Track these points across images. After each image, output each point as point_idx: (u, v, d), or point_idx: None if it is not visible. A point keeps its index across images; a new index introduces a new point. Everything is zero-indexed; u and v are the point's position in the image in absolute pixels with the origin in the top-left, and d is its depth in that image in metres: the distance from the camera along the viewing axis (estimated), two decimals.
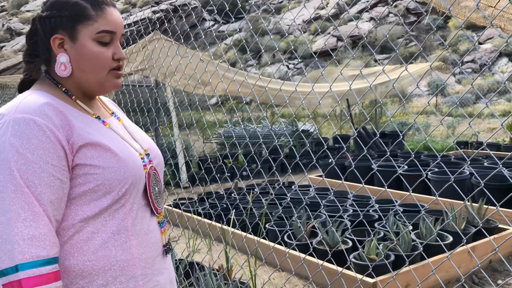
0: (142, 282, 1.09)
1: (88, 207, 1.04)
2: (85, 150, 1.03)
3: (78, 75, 1.11)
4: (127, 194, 1.08)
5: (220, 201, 4.99)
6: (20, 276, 0.90)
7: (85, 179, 1.03)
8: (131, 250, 1.08)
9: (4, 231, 0.92)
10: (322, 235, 3.48)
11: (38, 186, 0.96)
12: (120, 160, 1.07)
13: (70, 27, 1.08)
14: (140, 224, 1.11)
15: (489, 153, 8.10)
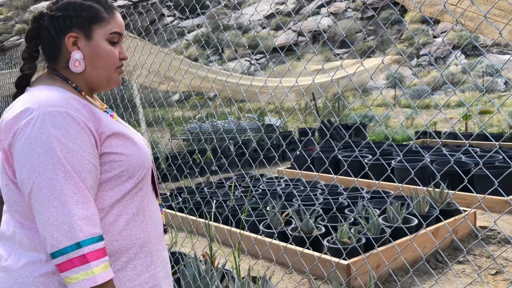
0: (156, 257, 1.22)
1: (113, 192, 1.14)
2: (111, 140, 1.13)
3: (90, 71, 1.20)
4: (145, 178, 1.21)
5: (192, 196, 5.06)
6: (85, 251, 1.00)
7: (111, 166, 1.13)
8: (147, 229, 1.20)
9: (59, 214, 1.00)
10: (297, 222, 3.63)
11: (82, 172, 1.05)
12: (139, 148, 1.19)
13: (86, 26, 1.18)
14: (151, 205, 1.24)
15: (446, 142, 8.52)
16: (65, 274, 1.00)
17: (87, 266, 1.00)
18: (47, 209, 1.00)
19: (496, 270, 3.48)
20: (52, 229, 1.00)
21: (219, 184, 5.67)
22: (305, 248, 2.35)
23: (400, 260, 3.47)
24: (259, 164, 7.87)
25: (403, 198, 4.50)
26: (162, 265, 1.25)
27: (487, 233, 4.11)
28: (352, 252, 3.25)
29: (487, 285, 3.24)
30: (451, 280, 3.35)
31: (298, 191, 4.88)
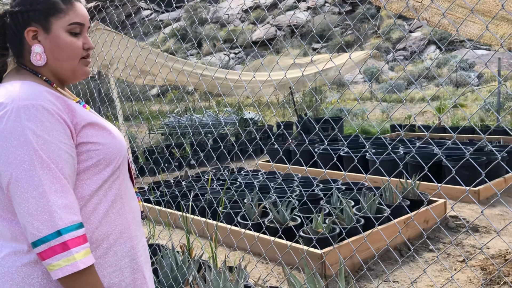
0: (136, 242, 1.26)
1: (91, 180, 1.17)
2: (86, 130, 1.16)
3: (53, 64, 1.21)
4: (121, 166, 1.24)
5: (169, 189, 5.08)
6: (66, 239, 1.03)
7: (88, 155, 1.16)
8: (126, 215, 1.24)
9: (38, 204, 1.03)
10: (273, 214, 3.70)
11: (59, 162, 1.07)
12: (114, 137, 1.22)
13: (43, 19, 1.19)
14: (129, 192, 1.28)
15: (420, 134, 8.73)
16: (47, 262, 1.03)
17: (68, 252, 1.03)
18: (26, 199, 1.03)
19: (465, 257, 3.62)
20: (32, 219, 1.02)
21: (196, 177, 5.70)
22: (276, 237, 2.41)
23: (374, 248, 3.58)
24: (237, 158, 7.92)
25: (377, 189, 4.62)
26: (143, 249, 1.29)
27: (456, 222, 4.26)
28: (326, 242, 3.34)
29: (454, 271, 3.38)
30: (421, 267, 3.47)
31: (275, 183, 4.95)
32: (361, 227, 3.56)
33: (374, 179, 5.41)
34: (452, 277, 1.37)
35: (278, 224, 3.68)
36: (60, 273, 1.03)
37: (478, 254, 3.64)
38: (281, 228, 3.59)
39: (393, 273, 3.37)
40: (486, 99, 10.33)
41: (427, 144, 6.35)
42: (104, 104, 7.75)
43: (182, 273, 2.26)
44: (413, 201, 4.19)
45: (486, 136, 6.47)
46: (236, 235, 3.70)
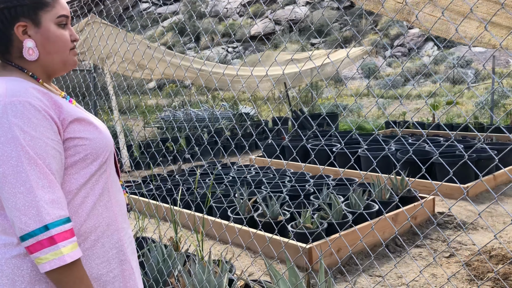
0: (122, 234, 1.30)
1: (79, 175, 1.20)
2: (73, 125, 1.19)
3: (44, 57, 1.24)
4: (108, 160, 1.28)
5: (165, 183, 5.13)
6: (53, 233, 1.06)
7: (75, 150, 1.19)
8: (112, 208, 1.28)
9: (25, 199, 1.06)
10: (263, 208, 3.75)
11: (46, 158, 1.10)
12: (101, 132, 1.26)
13: (32, 14, 1.21)
14: (115, 186, 1.32)
15: (414, 131, 8.77)
16: (35, 255, 1.06)
17: (55, 247, 1.06)
18: (14, 195, 1.05)
19: (450, 253, 3.68)
20: (20, 214, 1.05)
21: (191, 172, 5.74)
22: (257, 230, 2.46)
23: (361, 244, 3.63)
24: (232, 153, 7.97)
25: (368, 185, 4.67)
26: (129, 241, 1.33)
27: (444, 219, 4.32)
28: (315, 236, 3.39)
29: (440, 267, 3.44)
30: (407, 263, 3.53)
31: (267, 178, 5.00)
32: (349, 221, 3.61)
33: (366, 175, 5.46)
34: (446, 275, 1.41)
35: (268, 219, 3.73)
36: (48, 266, 1.06)
37: (463, 250, 3.70)
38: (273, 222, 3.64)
39: (380, 267, 3.43)
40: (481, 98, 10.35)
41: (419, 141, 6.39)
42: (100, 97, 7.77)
43: (167, 266, 2.31)
44: (402, 197, 4.24)
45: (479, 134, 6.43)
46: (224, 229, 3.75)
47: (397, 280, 3.22)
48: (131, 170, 6.93)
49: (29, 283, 1.12)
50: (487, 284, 3.12)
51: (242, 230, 3.62)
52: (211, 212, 4.25)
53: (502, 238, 3.91)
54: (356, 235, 3.56)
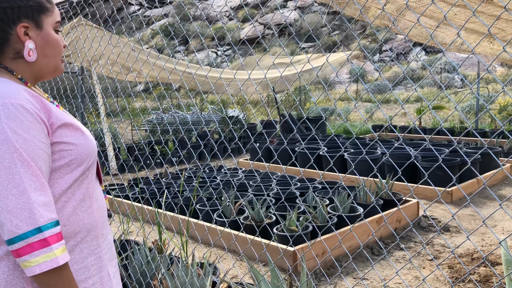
0: (101, 240, 1.30)
1: (63, 179, 1.20)
2: (61, 130, 1.19)
3: (41, 60, 1.24)
4: (91, 166, 1.28)
5: (149, 187, 5.12)
6: (46, 235, 1.05)
7: (61, 155, 1.19)
8: (93, 214, 1.28)
9: (18, 201, 1.05)
10: (249, 212, 3.76)
11: (38, 161, 1.10)
12: (87, 138, 1.26)
13: (36, 16, 1.22)
14: (97, 192, 1.32)
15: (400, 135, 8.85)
16: (23, 259, 1.05)
17: (48, 249, 1.05)
18: (5, 197, 1.04)
19: (434, 255, 3.73)
20: (11, 216, 1.04)
21: (176, 175, 5.73)
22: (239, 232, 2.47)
23: (346, 246, 3.66)
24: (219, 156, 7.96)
25: (353, 188, 4.71)
26: (108, 248, 1.33)
27: (428, 222, 4.36)
28: (300, 239, 3.41)
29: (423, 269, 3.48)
30: (391, 265, 3.56)
31: (253, 181, 5.01)
32: (334, 225, 3.64)
33: (351, 178, 5.50)
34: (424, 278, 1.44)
35: (253, 222, 3.74)
36: (38, 269, 1.04)
37: (446, 253, 3.74)
38: (257, 226, 3.65)
39: (363, 270, 3.45)
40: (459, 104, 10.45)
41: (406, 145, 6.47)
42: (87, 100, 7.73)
43: (151, 268, 2.30)
44: (387, 201, 4.28)
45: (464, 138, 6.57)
46: (208, 231, 3.75)
47: (381, 283, 3.25)
48: (117, 173, 6.90)
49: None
50: (468, 286, 3.17)
51: (225, 233, 3.62)
52: (197, 216, 4.25)
53: (485, 241, 3.96)
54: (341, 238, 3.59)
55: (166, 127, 9.05)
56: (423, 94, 16.52)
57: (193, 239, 4.00)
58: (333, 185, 4.92)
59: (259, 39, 23.78)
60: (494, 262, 3.51)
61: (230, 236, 3.61)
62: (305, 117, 1.70)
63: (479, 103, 9.33)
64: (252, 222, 3.68)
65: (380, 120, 11.71)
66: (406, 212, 4.28)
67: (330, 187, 4.87)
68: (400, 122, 11.49)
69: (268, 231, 3.64)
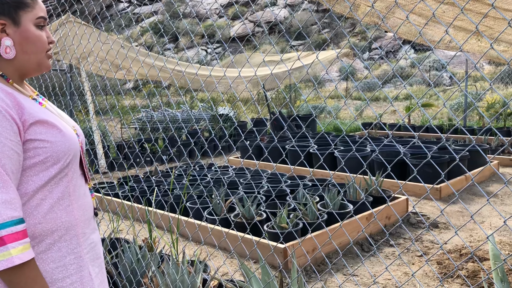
0: (82, 240, 1.28)
1: (37, 177, 1.19)
2: (35, 127, 1.17)
3: (20, 57, 1.23)
4: (70, 164, 1.26)
5: (140, 185, 5.10)
6: (2, 234, 1.05)
7: (35, 152, 1.18)
8: (73, 213, 1.26)
9: None
10: (239, 209, 3.76)
11: (2, 159, 1.09)
12: (64, 135, 1.24)
13: (13, 13, 1.21)
14: (78, 190, 1.30)
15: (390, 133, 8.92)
16: None
17: (4, 248, 1.04)
18: None
19: (423, 252, 3.76)
20: None
21: (166, 173, 5.71)
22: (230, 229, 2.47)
23: (336, 243, 3.68)
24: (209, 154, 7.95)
25: (344, 185, 4.73)
26: (90, 247, 1.31)
27: (417, 218, 4.40)
28: (290, 236, 3.42)
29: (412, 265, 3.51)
30: (381, 261, 3.58)
31: (244, 179, 5.01)
32: (324, 222, 3.65)
33: (341, 175, 5.53)
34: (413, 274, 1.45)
35: (244, 220, 3.75)
36: None
37: (435, 249, 3.78)
38: (248, 223, 3.66)
39: (353, 267, 3.48)
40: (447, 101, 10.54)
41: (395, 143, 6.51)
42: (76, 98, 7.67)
43: (141, 266, 2.30)
44: (376, 198, 4.31)
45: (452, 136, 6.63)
46: (199, 229, 3.75)
47: (371, 279, 3.27)
48: (106, 171, 6.86)
49: None
50: (456, 281, 3.20)
51: (216, 230, 3.62)
52: (187, 214, 4.24)
53: (473, 237, 4.01)
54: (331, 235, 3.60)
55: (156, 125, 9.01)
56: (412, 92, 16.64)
57: (184, 237, 3.99)
58: (323, 182, 4.94)
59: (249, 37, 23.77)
60: (482, 257, 3.55)
61: (221, 234, 3.61)
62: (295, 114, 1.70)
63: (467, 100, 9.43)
64: (242, 220, 3.68)
65: (370, 118, 11.78)
66: (396, 208, 4.32)
67: (320, 184, 4.88)
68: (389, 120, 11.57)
69: (259, 229, 3.64)
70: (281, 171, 6.33)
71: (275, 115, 8.81)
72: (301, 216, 3.70)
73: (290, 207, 3.99)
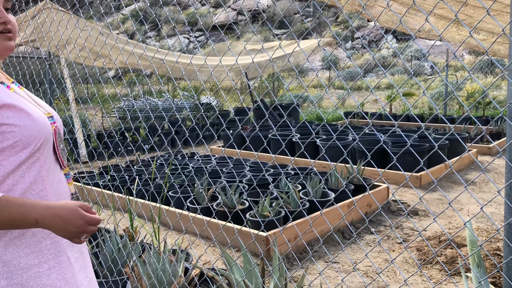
0: None
1: (7, 162, 1.17)
2: (1, 112, 1.15)
3: None
4: (41, 149, 1.23)
5: (121, 174, 5.04)
6: None
7: (3, 137, 1.15)
8: (47, 198, 1.24)
9: None
10: (222, 198, 3.76)
11: None
12: (34, 119, 1.21)
13: None
14: (53, 175, 1.27)
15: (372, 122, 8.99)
16: None
17: None
18: None
19: (403, 239, 3.82)
20: None
21: (147, 162, 5.67)
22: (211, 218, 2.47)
23: (318, 231, 3.71)
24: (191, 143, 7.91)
25: (325, 174, 4.76)
26: None
27: (397, 206, 4.46)
28: (272, 225, 3.44)
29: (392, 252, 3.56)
30: (362, 249, 3.63)
31: (226, 168, 5.00)
32: (306, 210, 3.68)
33: (323, 164, 5.56)
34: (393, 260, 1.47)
35: (226, 208, 3.75)
36: None
37: (415, 236, 3.84)
38: (230, 212, 3.66)
39: (335, 254, 3.51)
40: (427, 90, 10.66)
41: (376, 131, 6.57)
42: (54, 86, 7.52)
43: (122, 255, 2.28)
44: (357, 186, 4.35)
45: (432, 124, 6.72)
46: (180, 218, 3.74)
47: (351, 266, 3.31)
48: (86, 161, 6.77)
49: None
50: (435, 267, 3.26)
51: (198, 219, 3.61)
52: (169, 203, 4.22)
53: (451, 224, 4.09)
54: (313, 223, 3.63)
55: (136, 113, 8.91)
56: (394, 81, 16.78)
57: (165, 226, 3.97)
58: (305, 171, 4.97)
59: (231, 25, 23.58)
60: (460, 244, 3.62)
61: (202, 222, 3.60)
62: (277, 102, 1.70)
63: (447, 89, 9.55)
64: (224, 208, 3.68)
65: (352, 107, 11.85)
66: (376, 196, 4.37)
67: (302, 173, 4.91)
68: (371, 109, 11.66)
69: (241, 218, 3.64)
70: (263, 160, 6.34)
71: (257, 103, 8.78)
72: (283, 204, 3.71)
73: (272, 196, 4.00)
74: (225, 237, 3.44)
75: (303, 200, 3.85)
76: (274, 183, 4.47)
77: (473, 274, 1.54)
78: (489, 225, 4.00)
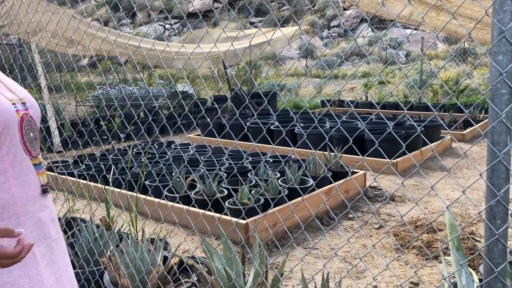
0: (24, 219, 1.19)
1: None
2: None
3: None
4: (2, 138, 1.15)
5: (96, 163, 4.94)
6: None
7: None
8: (11, 190, 1.17)
9: None
10: (201, 186, 3.72)
11: None
12: None
13: None
14: (20, 166, 1.20)
15: (348, 110, 9.06)
16: None
17: None
18: None
19: (380, 224, 3.87)
20: None
21: (124, 151, 5.57)
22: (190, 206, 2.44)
23: (296, 218, 3.72)
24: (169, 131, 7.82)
25: (304, 161, 4.77)
26: (36, 226, 1.23)
27: (374, 192, 4.51)
28: (252, 212, 3.42)
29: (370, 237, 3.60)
30: (340, 234, 3.66)
31: (205, 156, 4.96)
32: (285, 197, 3.68)
33: (302, 152, 5.57)
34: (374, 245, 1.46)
35: (205, 196, 3.72)
36: None
37: (392, 222, 3.90)
38: (209, 200, 3.62)
39: (314, 240, 3.53)
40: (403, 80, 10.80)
41: (353, 119, 6.62)
42: (25, 72, 7.30)
43: (98, 245, 2.23)
44: (335, 172, 4.37)
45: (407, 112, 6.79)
46: (158, 207, 3.69)
47: (330, 252, 3.34)
48: (61, 150, 6.62)
49: None
50: (412, 252, 3.32)
51: (176, 208, 3.57)
52: (146, 192, 4.16)
53: (427, 210, 4.16)
54: (290, 210, 3.64)
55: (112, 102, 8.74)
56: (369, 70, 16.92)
57: (143, 215, 3.92)
58: (284, 158, 4.97)
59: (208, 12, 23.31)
60: (437, 228, 3.69)
61: (181, 211, 3.56)
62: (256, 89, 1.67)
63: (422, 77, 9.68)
64: (204, 196, 3.65)
65: (329, 96, 11.91)
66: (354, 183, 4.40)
67: (281, 160, 4.91)
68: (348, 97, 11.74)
69: (221, 206, 3.62)
70: (242, 148, 6.31)
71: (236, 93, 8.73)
72: (262, 191, 3.70)
73: (252, 183, 3.99)
74: (204, 225, 3.41)
75: (283, 187, 3.85)
76: (253, 170, 4.46)
77: (452, 257, 1.55)
78: (463, 210, 4.09)
